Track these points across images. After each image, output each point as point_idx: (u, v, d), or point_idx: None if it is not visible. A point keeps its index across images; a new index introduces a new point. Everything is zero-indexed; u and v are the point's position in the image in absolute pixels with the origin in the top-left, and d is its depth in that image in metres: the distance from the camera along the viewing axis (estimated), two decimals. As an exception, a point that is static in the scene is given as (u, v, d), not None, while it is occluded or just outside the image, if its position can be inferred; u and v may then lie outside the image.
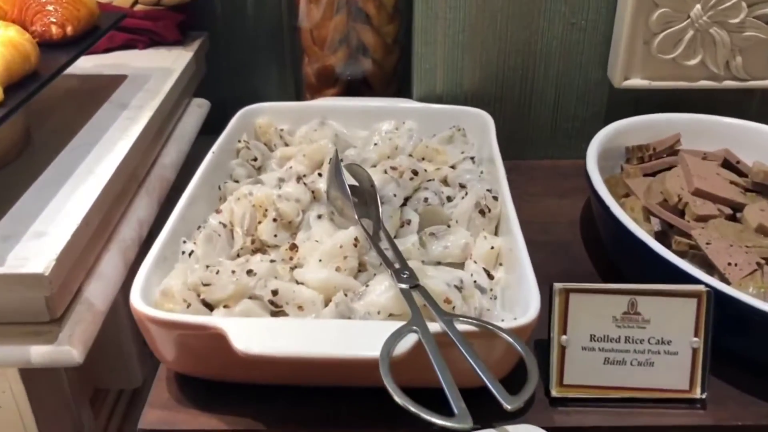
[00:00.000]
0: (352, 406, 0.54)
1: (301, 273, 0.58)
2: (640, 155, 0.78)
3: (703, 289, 0.53)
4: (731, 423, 0.53)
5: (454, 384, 0.45)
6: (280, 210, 0.65)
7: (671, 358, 0.54)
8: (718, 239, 0.62)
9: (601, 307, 0.54)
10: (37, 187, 0.66)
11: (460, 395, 0.44)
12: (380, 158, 0.77)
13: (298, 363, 0.48)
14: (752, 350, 0.57)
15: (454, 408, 0.43)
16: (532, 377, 0.46)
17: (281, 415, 0.53)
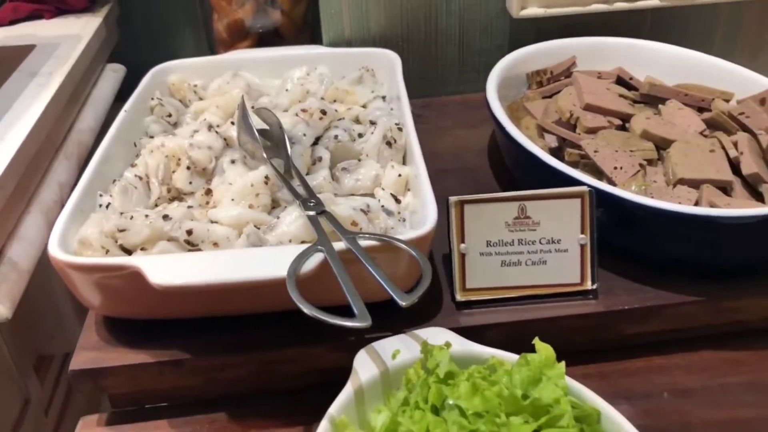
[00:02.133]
0: (272, 331, 0.57)
1: (214, 212, 0.61)
2: (539, 80, 0.82)
3: (585, 190, 0.58)
4: (621, 308, 0.59)
5: (355, 291, 0.49)
6: (193, 158, 0.68)
7: (562, 255, 0.59)
8: (605, 147, 0.67)
9: (494, 215, 0.58)
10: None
11: (360, 300, 0.48)
12: (292, 103, 0.79)
13: (211, 290, 0.51)
14: (637, 242, 0.62)
15: (355, 310, 0.47)
16: (425, 277, 0.50)
17: (205, 344, 0.56)
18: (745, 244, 0.60)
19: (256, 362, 0.57)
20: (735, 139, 0.67)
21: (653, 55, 0.85)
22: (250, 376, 0.57)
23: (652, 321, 0.59)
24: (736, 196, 0.63)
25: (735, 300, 0.60)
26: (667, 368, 0.59)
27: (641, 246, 0.62)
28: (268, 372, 0.57)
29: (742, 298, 0.60)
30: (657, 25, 0.96)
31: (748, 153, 0.64)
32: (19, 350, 0.76)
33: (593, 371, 0.59)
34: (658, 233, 0.60)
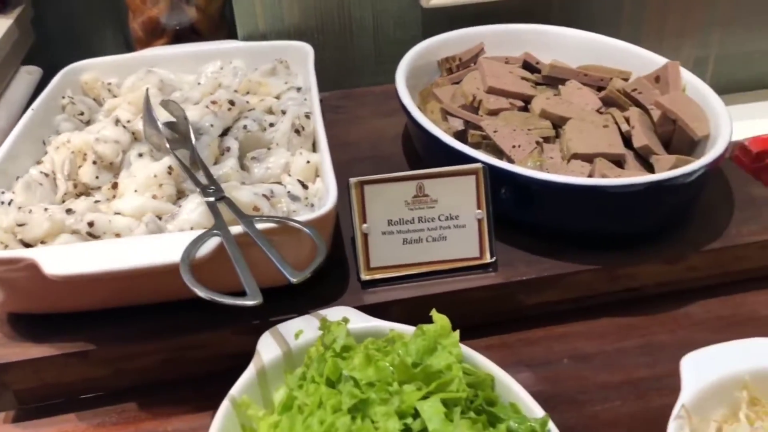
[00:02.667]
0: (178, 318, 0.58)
1: (116, 204, 0.61)
2: (449, 66, 0.84)
3: (479, 166, 0.60)
4: (519, 278, 0.61)
5: (248, 271, 0.50)
6: (99, 152, 0.68)
7: (460, 230, 0.61)
8: (504, 127, 0.69)
9: (394, 194, 0.59)
10: None
11: (253, 279, 0.49)
12: (203, 96, 0.80)
13: (106, 278, 0.51)
14: (534, 216, 0.64)
15: (247, 289, 0.48)
16: (320, 254, 0.52)
17: (111, 335, 0.57)
18: (635, 213, 0.62)
19: (164, 350, 0.57)
20: (628, 114, 0.69)
21: (560, 39, 0.88)
22: (159, 364, 0.57)
23: (551, 290, 0.62)
24: (628, 168, 0.65)
25: (629, 267, 0.62)
26: (567, 336, 0.62)
27: (538, 219, 0.64)
28: (176, 359, 0.58)
29: (636, 264, 0.62)
30: (564, 11, 0.99)
31: (639, 127, 0.67)
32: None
33: (496, 342, 0.61)
34: (553, 206, 0.62)
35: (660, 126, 0.68)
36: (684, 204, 0.65)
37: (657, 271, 0.63)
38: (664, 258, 0.63)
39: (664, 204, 0.62)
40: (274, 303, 0.57)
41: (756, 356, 0.50)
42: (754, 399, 0.48)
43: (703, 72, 1.08)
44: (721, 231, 0.65)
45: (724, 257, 0.64)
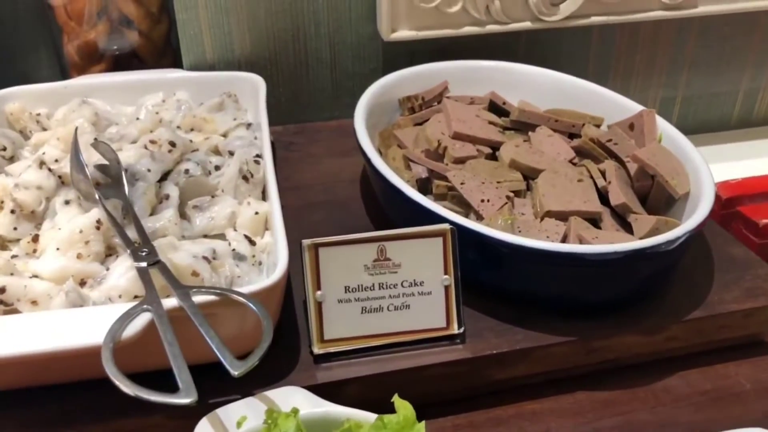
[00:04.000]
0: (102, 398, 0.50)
1: (35, 264, 0.53)
2: (410, 105, 0.79)
3: (446, 228, 0.54)
4: (489, 353, 0.55)
5: (182, 359, 0.43)
6: (19, 200, 0.60)
7: (425, 298, 0.55)
8: (471, 178, 0.63)
9: (352, 258, 0.53)
10: None
11: (187, 370, 0.42)
12: (141, 133, 0.72)
13: (17, 363, 0.44)
14: (505, 281, 0.59)
15: (180, 383, 0.41)
16: (265, 339, 0.45)
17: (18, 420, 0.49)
18: (613, 280, 0.57)
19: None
20: (603, 167, 0.65)
21: (526, 78, 0.83)
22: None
23: (522, 364, 0.56)
24: (605, 227, 0.61)
25: (606, 339, 0.57)
26: (540, 413, 0.56)
27: (509, 285, 0.58)
28: (102, 447, 0.50)
29: (614, 336, 0.57)
30: (531, 48, 0.95)
31: (616, 182, 0.62)
32: None
33: (464, 422, 0.55)
34: (526, 271, 0.57)
35: (637, 180, 0.64)
36: (665, 270, 0.60)
37: (636, 342, 0.58)
38: (644, 329, 0.58)
39: (644, 271, 0.58)
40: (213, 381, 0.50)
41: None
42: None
43: (669, 112, 1.05)
44: (702, 298, 0.60)
45: (706, 327, 0.59)
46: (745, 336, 0.62)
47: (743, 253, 0.67)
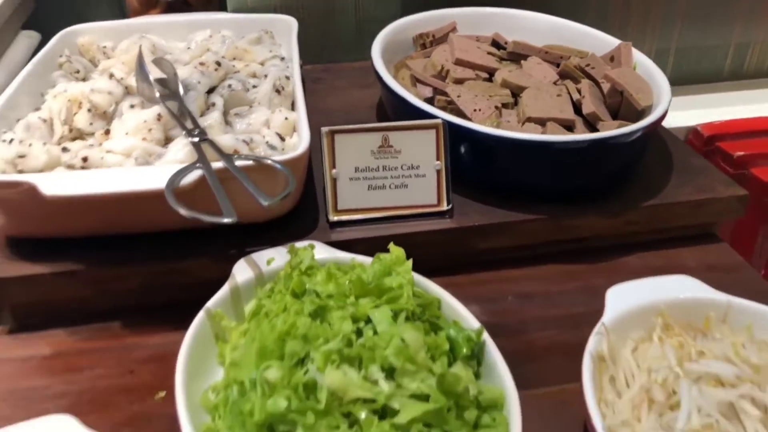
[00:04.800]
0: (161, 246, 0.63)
1: (108, 143, 0.67)
2: (422, 42, 0.91)
3: (439, 122, 0.66)
4: (472, 224, 0.67)
5: (224, 194, 0.56)
6: (94, 101, 0.73)
7: (421, 180, 0.67)
8: (467, 92, 0.75)
9: (361, 144, 0.66)
10: None
11: (229, 202, 0.55)
12: (192, 59, 0.86)
13: (97, 201, 0.57)
14: (488, 171, 0.70)
15: (224, 210, 0.54)
16: (290, 185, 0.58)
17: (98, 258, 0.62)
18: (579, 169, 0.69)
19: (146, 274, 0.63)
20: (580, 86, 0.76)
21: (528, 23, 0.94)
22: (141, 288, 0.63)
23: (501, 237, 0.68)
24: (577, 132, 0.72)
25: (573, 218, 0.69)
26: (515, 278, 0.68)
27: (492, 175, 0.70)
28: (158, 284, 0.63)
29: (579, 216, 0.69)
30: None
31: (589, 96, 0.74)
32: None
33: (447, 282, 0.65)
34: (505, 161, 0.69)
35: (609, 97, 0.75)
36: (625, 164, 0.71)
37: (598, 223, 0.69)
38: (606, 212, 0.69)
39: (606, 162, 0.69)
40: (249, 238, 0.63)
41: (672, 290, 0.57)
42: (667, 324, 0.55)
43: (664, 63, 1.15)
44: (659, 192, 0.72)
45: (660, 214, 0.70)
46: (697, 226, 0.72)
47: (702, 162, 0.77)
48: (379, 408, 0.45)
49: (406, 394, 0.46)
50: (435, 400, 0.45)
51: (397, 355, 0.47)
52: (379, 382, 0.46)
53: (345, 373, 0.46)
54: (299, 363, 0.48)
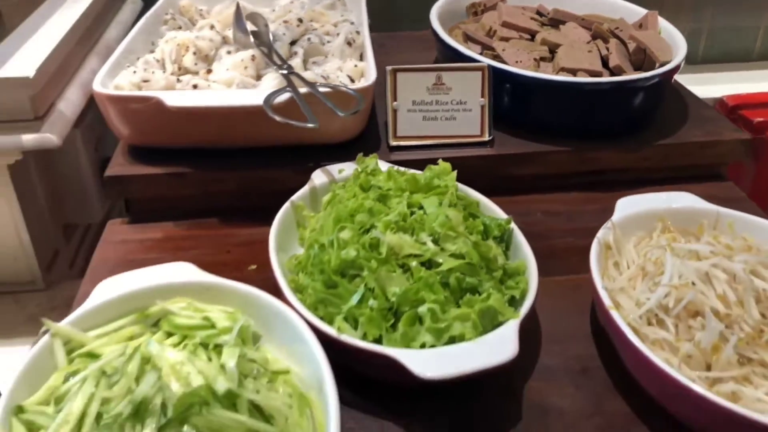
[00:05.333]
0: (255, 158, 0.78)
1: (212, 76, 0.82)
2: (474, 10, 1.04)
3: (484, 65, 0.79)
4: (508, 153, 0.80)
5: (309, 108, 0.70)
6: (198, 45, 0.89)
7: (467, 113, 0.80)
8: (510, 47, 0.88)
9: (419, 81, 0.79)
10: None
11: (311, 112, 0.69)
12: (277, 19, 1.01)
13: (210, 113, 0.72)
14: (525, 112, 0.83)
15: (308, 117, 0.69)
16: (360, 104, 0.72)
17: (204, 164, 0.77)
18: (602, 110, 0.81)
19: (240, 179, 0.78)
20: (609, 45, 0.88)
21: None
22: (237, 191, 0.78)
23: (532, 165, 0.81)
24: (604, 82, 0.84)
25: (594, 152, 0.81)
26: (543, 200, 0.81)
27: (528, 113, 0.83)
28: (249, 188, 0.78)
29: (600, 150, 0.81)
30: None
31: (616, 53, 0.86)
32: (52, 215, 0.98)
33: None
34: (539, 101, 0.81)
35: (633, 55, 0.87)
36: (643, 109, 0.83)
37: (616, 157, 0.81)
38: (624, 148, 0.81)
39: (626, 104, 0.81)
40: (324, 156, 0.77)
41: (673, 201, 0.69)
42: (666, 227, 0.67)
43: (696, 43, 1.25)
44: (672, 134, 0.83)
45: (671, 152, 0.82)
46: (706, 166, 0.84)
47: (713, 113, 0.89)
48: (425, 261, 0.58)
49: (447, 253, 0.59)
50: (470, 257, 0.59)
51: (441, 225, 0.60)
52: (426, 243, 0.60)
53: (401, 236, 0.60)
54: (366, 231, 0.61)
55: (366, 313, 0.55)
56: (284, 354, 0.56)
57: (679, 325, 0.55)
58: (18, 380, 0.51)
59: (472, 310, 0.55)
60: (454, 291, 0.57)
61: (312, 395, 0.52)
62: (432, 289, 0.56)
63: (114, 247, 0.75)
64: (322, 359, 0.52)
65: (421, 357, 0.52)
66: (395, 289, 0.56)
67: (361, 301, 0.56)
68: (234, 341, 0.53)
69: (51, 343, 0.54)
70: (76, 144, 1.02)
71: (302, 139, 0.77)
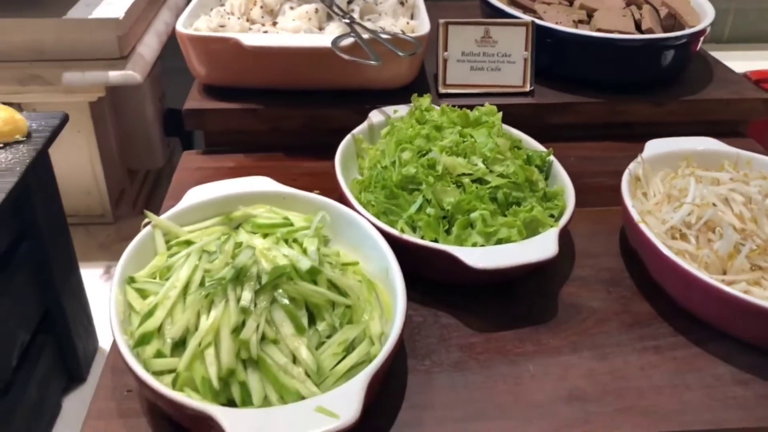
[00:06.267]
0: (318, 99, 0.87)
1: (280, 24, 0.91)
2: (517, -19, 1.12)
3: (528, 20, 0.87)
4: (548, 102, 0.88)
5: (372, 48, 0.78)
6: (265, 0, 0.97)
7: (511, 65, 0.88)
8: (551, 9, 0.96)
9: (468, 34, 0.87)
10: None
11: (375, 52, 0.78)
12: (333, -19, 1.09)
13: (284, 53, 0.80)
14: (564, 66, 0.91)
15: (371, 56, 0.77)
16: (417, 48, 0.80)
17: (273, 102, 0.86)
18: (634, 66, 0.89)
19: (306, 116, 0.86)
20: (642, 10, 0.96)
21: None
22: (302, 127, 0.87)
23: (568, 114, 0.89)
24: (636, 44, 0.92)
25: (625, 104, 0.89)
26: (577, 148, 0.88)
27: (566, 67, 0.91)
28: (314, 126, 0.87)
29: (630, 103, 0.89)
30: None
31: (648, 17, 0.93)
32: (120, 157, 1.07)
33: (527, 145, 0.88)
34: (578, 56, 0.89)
35: (665, 20, 0.94)
36: (671, 67, 0.91)
37: (646, 110, 0.89)
38: (652, 102, 0.89)
39: (656, 62, 0.89)
40: (380, 100, 0.85)
41: (698, 144, 0.76)
42: (691, 167, 0.74)
43: (723, 22, 1.32)
44: (696, 92, 0.91)
45: (696, 107, 0.89)
46: (726, 122, 0.91)
47: (737, 77, 0.96)
48: (476, 179, 0.67)
49: (495, 173, 0.67)
50: (515, 176, 0.67)
51: (490, 150, 0.68)
52: (477, 164, 0.68)
53: (454, 158, 0.68)
54: (423, 155, 0.70)
55: (424, 219, 0.64)
56: (353, 253, 0.64)
57: (699, 237, 0.62)
58: (127, 258, 0.60)
59: (518, 218, 0.63)
60: (502, 204, 0.65)
61: (378, 283, 0.61)
62: (482, 201, 0.64)
63: (191, 173, 0.84)
64: (387, 250, 0.60)
65: (473, 252, 0.60)
66: (450, 199, 0.64)
67: (419, 210, 0.65)
68: (313, 233, 0.61)
69: (152, 232, 0.63)
70: (144, 93, 1.12)
71: (361, 83, 0.86)
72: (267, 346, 0.51)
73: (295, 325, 0.53)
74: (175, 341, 0.52)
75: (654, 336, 0.60)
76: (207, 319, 0.52)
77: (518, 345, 0.59)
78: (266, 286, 0.54)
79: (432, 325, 0.62)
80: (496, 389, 0.55)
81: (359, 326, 0.55)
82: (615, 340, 0.60)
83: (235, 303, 0.52)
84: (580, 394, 0.54)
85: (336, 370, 0.52)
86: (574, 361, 0.57)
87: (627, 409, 0.53)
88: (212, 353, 0.50)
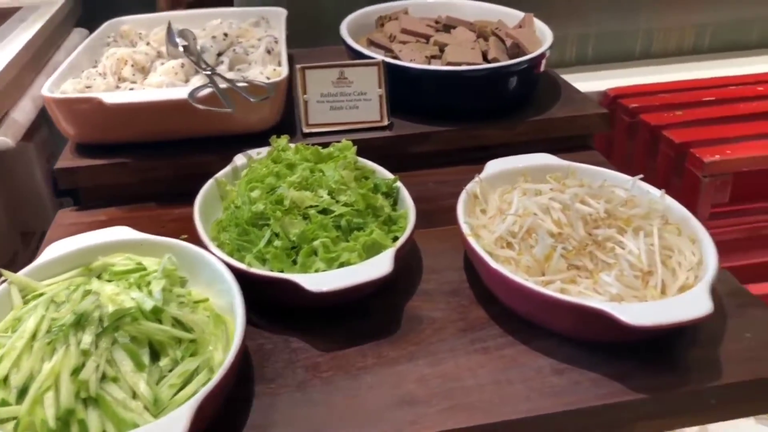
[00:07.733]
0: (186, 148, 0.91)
1: (147, 82, 0.95)
2: (381, 21, 1.19)
3: (380, 60, 0.94)
4: (405, 134, 0.94)
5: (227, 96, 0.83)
6: (135, 59, 1.02)
7: (368, 102, 0.94)
8: (406, 48, 1.03)
9: (324, 76, 0.93)
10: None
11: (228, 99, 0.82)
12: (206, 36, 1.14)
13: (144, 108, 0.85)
14: (417, 99, 0.97)
15: (225, 104, 0.82)
16: (270, 93, 0.85)
17: (141, 155, 0.90)
18: (481, 93, 0.96)
19: (174, 166, 0.90)
20: (489, 42, 1.03)
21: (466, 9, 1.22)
22: (171, 176, 0.90)
23: (425, 143, 0.95)
24: (485, 73, 0.99)
25: (478, 130, 0.95)
26: (436, 173, 0.94)
27: (419, 99, 0.97)
28: (181, 174, 0.90)
29: (482, 128, 0.95)
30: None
31: (494, 48, 1.01)
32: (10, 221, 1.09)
33: (389, 174, 0.93)
34: (428, 89, 0.96)
35: (510, 50, 1.02)
36: (517, 92, 0.98)
37: (497, 134, 0.96)
38: (502, 126, 0.96)
39: (502, 88, 0.96)
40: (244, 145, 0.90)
41: (533, 161, 0.83)
42: (526, 181, 0.81)
43: (586, 46, 1.42)
44: (543, 112, 0.98)
45: (543, 126, 0.97)
46: (574, 137, 0.99)
47: (581, 96, 1.04)
48: (321, 209, 0.71)
49: (340, 203, 0.72)
50: (357, 204, 0.72)
51: (335, 182, 0.73)
52: (323, 196, 0.73)
53: (302, 193, 0.73)
54: (273, 191, 0.74)
55: (272, 251, 0.68)
56: (207, 292, 0.68)
57: (522, 244, 0.68)
58: (-18, 317, 0.62)
59: (358, 242, 0.68)
60: (345, 231, 0.70)
61: (227, 317, 0.64)
62: (325, 229, 0.69)
63: (64, 229, 0.86)
64: (233, 284, 0.64)
65: (313, 278, 0.64)
66: (296, 230, 0.69)
67: (268, 244, 0.69)
68: (161, 275, 0.65)
69: (8, 289, 0.65)
70: (30, 156, 1.14)
71: (226, 128, 0.90)
72: (107, 384, 0.55)
73: (135, 363, 0.56)
74: (19, 389, 0.55)
75: (484, 339, 0.65)
76: (48, 364, 0.55)
77: (360, 360, 0.64)
78: (108, 328, 0.57)
79: (282, 351, 0.65)
80: (335, 403, 0.59)
81: (201, 358, 0.58)
82: (449, 345, 0.65)
83: (76, 346, 0.55)
84: (410, 399, 0.59)
85: (175, 399, 0.55)
86: (410, 369, 0.62)
87: (452, 407, 0.58)
88: (51, 396, 0.53)
